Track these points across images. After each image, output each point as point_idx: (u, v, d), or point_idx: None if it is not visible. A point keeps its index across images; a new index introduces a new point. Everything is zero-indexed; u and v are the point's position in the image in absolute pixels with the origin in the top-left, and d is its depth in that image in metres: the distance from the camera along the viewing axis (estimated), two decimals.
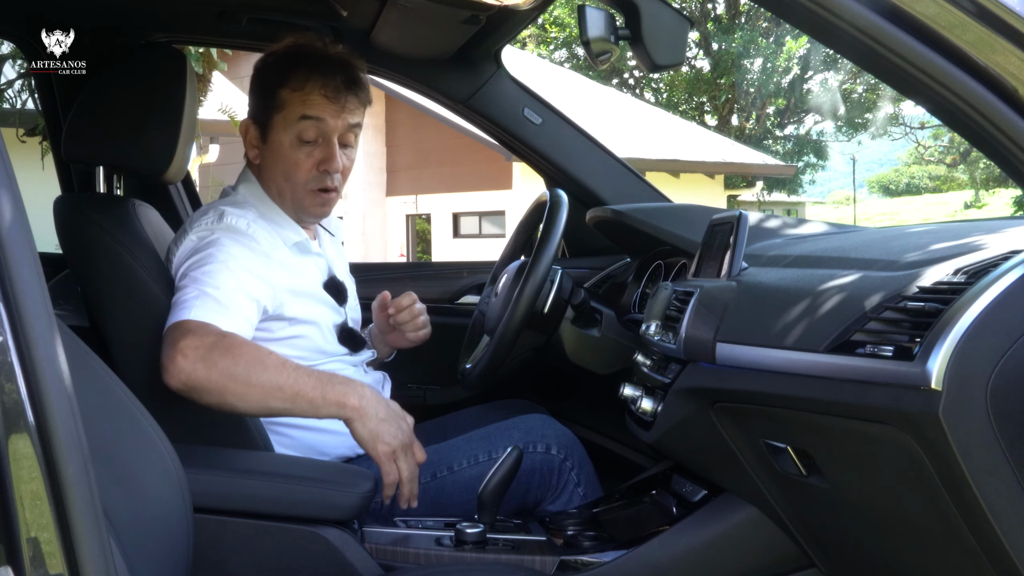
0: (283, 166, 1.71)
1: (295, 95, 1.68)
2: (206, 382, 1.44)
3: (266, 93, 1.72)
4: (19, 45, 2.53)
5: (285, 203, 1.75)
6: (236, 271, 1.58)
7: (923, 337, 1.04)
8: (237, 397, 1.46)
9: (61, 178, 2.37)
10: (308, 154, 1.70)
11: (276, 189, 1.74)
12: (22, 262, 0.73)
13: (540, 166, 2.44)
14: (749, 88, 23.60)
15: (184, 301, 1.52)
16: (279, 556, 1.49)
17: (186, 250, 1.64)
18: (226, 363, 1.44)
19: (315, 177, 1.71)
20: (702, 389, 1.43)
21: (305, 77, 1.68)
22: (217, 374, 1.44)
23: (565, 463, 1.77)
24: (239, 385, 1.45)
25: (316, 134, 1.69)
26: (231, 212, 1.68)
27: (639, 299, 2.10)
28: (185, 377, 1.43)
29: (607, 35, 1.30)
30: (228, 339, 1.48)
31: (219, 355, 1.44)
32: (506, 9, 1.95)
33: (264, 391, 1.46)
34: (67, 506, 0.72)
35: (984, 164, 25.02)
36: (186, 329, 1.47)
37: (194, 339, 1.45)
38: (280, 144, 1.70)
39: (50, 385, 0.72)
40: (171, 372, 1.44)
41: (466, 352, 2.10)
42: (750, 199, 21.72)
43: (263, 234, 1.68)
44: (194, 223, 1.68)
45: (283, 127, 1.69)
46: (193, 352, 1.43)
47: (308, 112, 1.68)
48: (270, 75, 1.72)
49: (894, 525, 1.23)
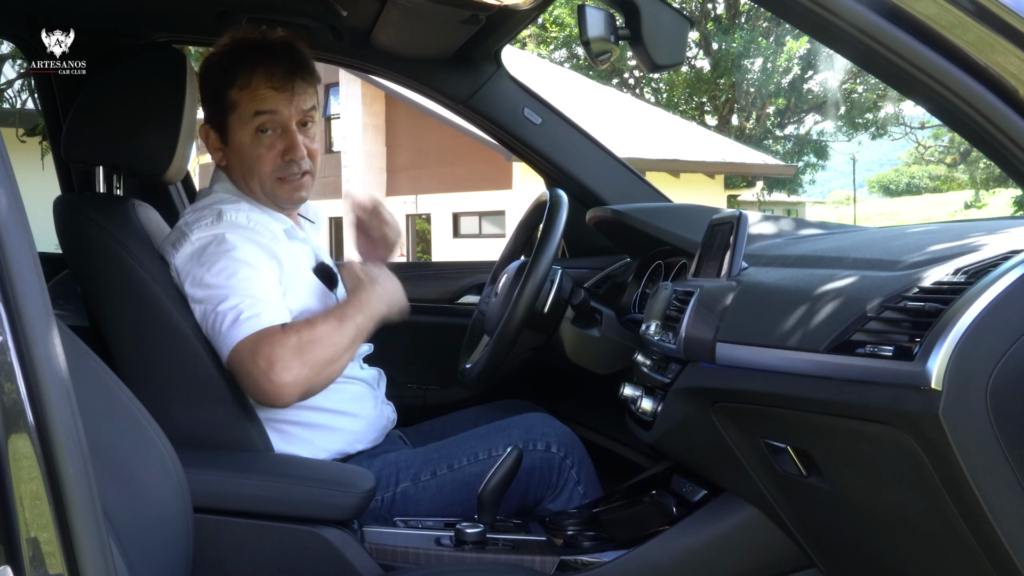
0: (247, 163, 1.73)
1: (243, 93, 1.70)
2: (315, 379, 1.55)
3: (216, 96, 1.73)
4: (19, 45, 2.53)
5: (260, 197, 1.77)
6: (263, 269, 1.62)
7: (923, 337, 1.04)
8: (336, 370, 1.60)
9: (61, 178, 2.37)
10: (269, 146, 1.72)
11: (248, 186, 1.76)
12: (22, 262, 0.73)
13: (540, 166, 2.44)
14: (749, 88, 23.59)
15: (237, 314, 1.55)
16: (279, 556, 1.49)
17: (191, 252, 1.63)
18: (317, 353, 1.54)
19: (280, 167, 1.73)
20: (702, 389, 1.43)
21: (250, 73, 1.69)
22: (318, 367, 1.54)
23: (565, 461, 1.77)
24: (333, 363, 1.58)
25: (273, 125, 1.71)
26: (227, 209, 1.69)
27: (639, 299, 2.10)
28: (299, 390, 1.54)
29: (607, 35, 1.30)
30: (301, 333, 1.55)
31: (308, 352, 1.53)
32: (506, 9, 1.95)
33: (347, 351, 1.60)
34: (67, 506, 0.72)
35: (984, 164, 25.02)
36: (262, 347, 1.52)
37: (279, 351, 1.52)
38: (241, 143, 1.72)
39: (50, 385, 0.72)
40: (281, 395, 1.52)
41: (466, 352, 2.10)
42: (750, 199, 21.72)
43: (261, 224, 1.69)
44: (191, 225, 1.67)
45: (239, 126, 1.71)
46: (289, 364, 1.51)
47: (260, 107, 1.70)
48: (216, 77, 1.73)
49: (894, 525, 1.23)
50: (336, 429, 1.73)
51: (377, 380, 1.88)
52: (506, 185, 15.11)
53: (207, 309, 1.59)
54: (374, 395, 1.84)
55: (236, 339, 1.54)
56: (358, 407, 1.78)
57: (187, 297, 1.63)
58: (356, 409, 1.77)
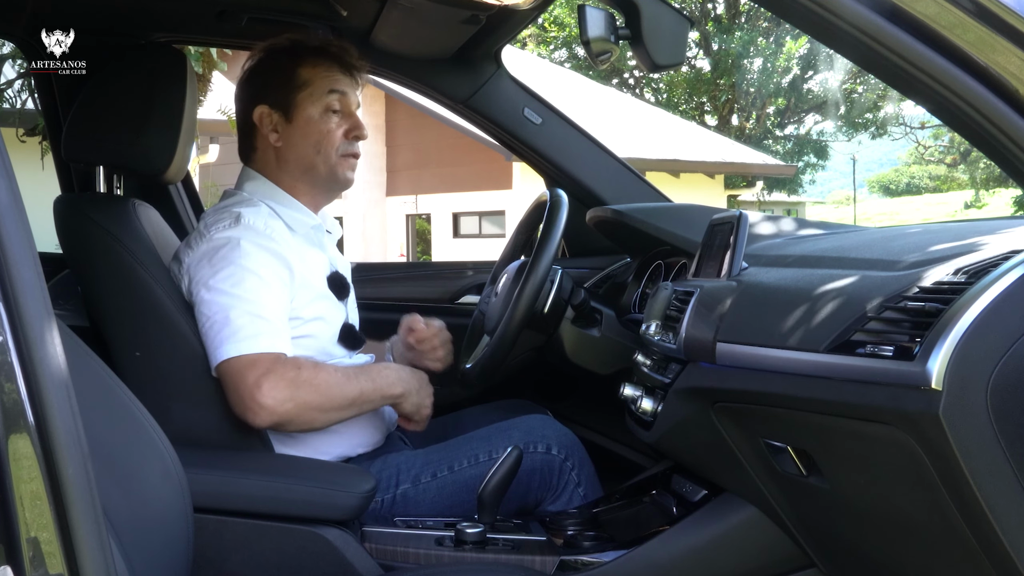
0: (315, 138, 1.76)
1: (317, 71, 1.76)
2: (295, 418, 1.58)
3: (283, 76, 1.76)
4: (19, 45, 2.53)
5: (312, 179, 1.78)
6: (270, 282, 1.62)
7: (923, 337, 1.04)
8: (319, 421, 1.62)
9: (61, 178, 2.37)
10: (338, 124, 1.77)
11: (304, 165, 1.77)
12: (22, 262, 0.73)
13: (540, 166, 2.44)
14: (749, 88, 23.59)
15: (237, 328, 1.56)
16: (279, 556, 1.49)
17: (204, 252, 1.63)
18: (309, 396, 1.57)
19: (344, 144, 1.78)
20: (702, 389, 1.43)
21: (320, 56, 1.77)
22: (303, 409, 1.57)
23: (566, 463, 1.77)
24: (321, 413, 1.60)
25: (342, 105, 1.78)
26: (246, 212, 1.68)
27: (639, 299, 2.10)
28: (276, 419, 1.56)
29: (607, 35, 1.30)
30: (303, 371, 1.58)
31: (302, 391, 1.56)
32: (506, 9, 1.95)
33: (340, 410, 1.62)
34: (67, 506, 0.72)
35: (984, 164, 25.02)
36: (259, 366, 1.55)
37: (274, 378, 1.54)
38: (310, 119, 1.75)
39: (50, 385, 0.72)
40: (258, 415, 1.55)
41: (466, 352, 2.10)
42: (750, 199, 21.72)
43: (279, 230, 1.69)
44: (209, 227, 1.67)
45: (310, 102, 1.75)
46: (277, 393, 1.54)
47: (335, 86, 1.77)
48: (281, 60, 1.78)
49: (894, 525, 1.23)
50: (337, 432, 1.73)
51: None
52: (506, 185, 15.11)
53: (207, 313, 1.59)
54: None
55: (229, 354, 1.56)
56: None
57: (190, 295, 1.63)
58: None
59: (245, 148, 1.81)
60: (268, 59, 1.79)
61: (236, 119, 1.83)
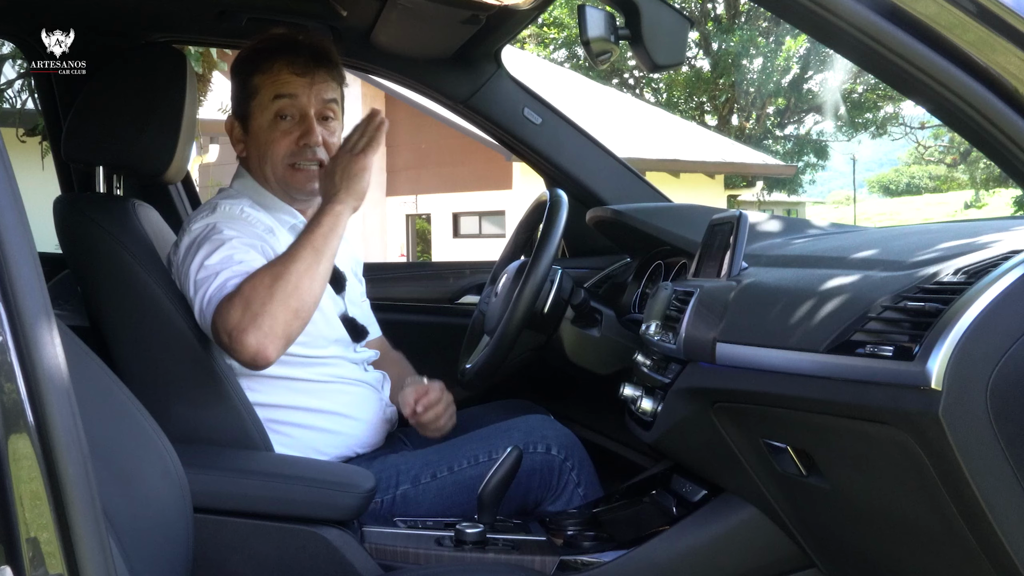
0: (262, 148, 1.74)
1: (265, 77, 1.72)
2: (280, 330, 1.50)
3: (241, 85, 1.76)
4: (19, 45, 2.53)
5: (274, 187, 1.77)
6: (240, 247, 1.61)
7: (923, 337, 1.04)
8: (304, 306, 1.53)
9: (61, 178, 2.37)
10: (285, 132, 1.73)
11: (263, 175, 1.77)
12: (22, 262, 0.73)
13: (540, 166, 2.44)
14: (749, 88, 23.59)
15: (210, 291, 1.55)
16: (279, 556, 1.49)
17: (186, 246, 1.65)
18: (268, 307, 1.49)
19: (294, 152, 1.73)
20: (702, 389, 1.43)
21: (272, 59, 1.73)
22: (275, 320, 1.49)
23: (565, 463, 1.77)
24: (290, 299, 1.50)
25: (292, 111, 1.73)
26: (224, 202, 1.71)
27: (639, 299, 2.10)
28: (269, 350, 1.49)
29: (607, 35, 1.30)
30: (241, 290, 1.51)
31: (258, 308, 1.49)
32: (506, 9, 1.95)
33: (304, 279, 1.52)
34: (67, 506, 0.72)
35: (984, 164, 25.01)
36: (218, 319, 1.51)
37: (229, 319, 1.49)
38: (260, 128, 1.74)
39: (50, 385, 0.72)
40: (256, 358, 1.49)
41: (466, 352, 2.10)
42: (750, 199, 21.72)
43: (258, 218, 1.70)
44: (191, 220, 1.70)
45: (260, 111, 1.74)
46: (248, 331, 1.48)
47: (280, 91, 1.72)
48: (242, 68, 1.77)
49: (894, 525, 1.23)
50: (338, 432, 1.73)
51: (381, 383, 1.88)
52: (506, 185, 15.10)
53: (194, 299, 1.59)
54: (378, 398, 1.83)
55: (208, 323, 1.55)
56: (361, 411, 1.77)
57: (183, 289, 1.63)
58: (359, 413, 1.77)
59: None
60: (234, 65, 1.80)
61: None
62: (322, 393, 1.74)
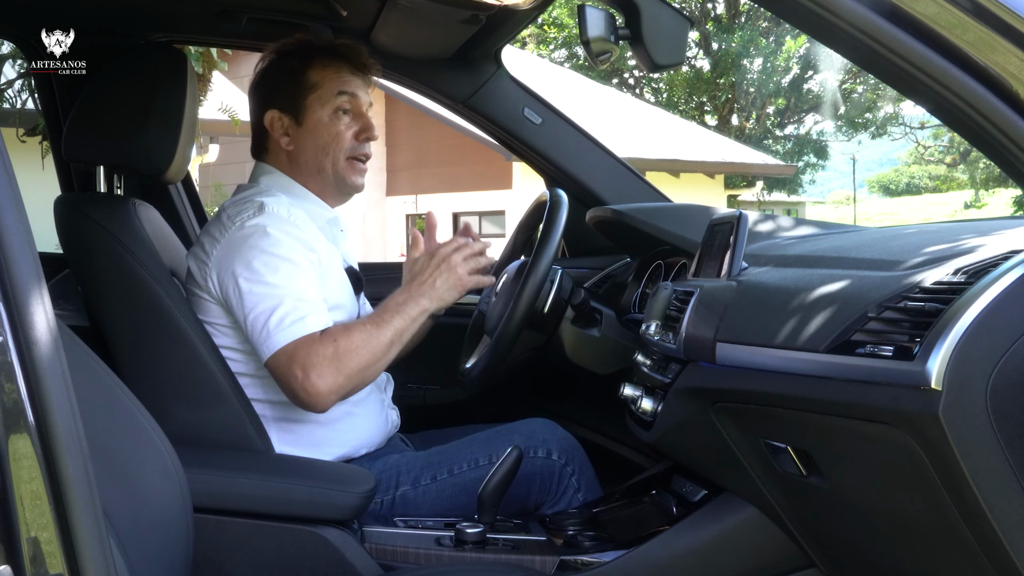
0: (324, 140, 1.76)
1: (326, 72, 1.76)
2: (351, 387, 1.59)
3: (293, 79, 1.77)
4: (19, 45, 2.53)
5: (323, 180, 1.78)
6: (303, 266, 1.64)
7: (923, 337, 1.04)
8: (373, 374, 1.63)
9: (61, 178, 2.37)
10: (348, 125, 1.77)
11: (314, 167, 1.77)
12: (22, 262, 0.73)
13: (540, 166, 2.44)
14: (749, 88, 23.58)
15: (280, 318, 1.57)
16: (279, 556, 1.49)
17: (231, 244, 1.63)
18: (353, 362, 1.57)
19: (354, 146, 1.79)
20: (702, 389, 1.43)
21: (330, 57, 1.77)
22: (353, 376, 1.58)
23: (566, 468, 1.77)
24: (370, 368, 1.61)
25: (352, 107, 1.78)
26: (268, 201, 1.69)
27: (639, 299, 2.10)
28: (334, 398, 1.57)
29: (607, 35, 1.30)
30: (339, 341, 1.57)
31: (345, 361, 1.56)
32: (506, 9, 1.95)
33: (385, 356, 1.63)
34: (67, 506, 0.72)
35: (984, 164, 25.01)
36: (298, 355, 1.55)
37: (315, 362, 1.55)
38: (319, 121, 1.76)
39: (50, 385, 0.72)
40: (318, 402, 1.56)
41: (466, 352, 2.10)
42: (750, 199, 21.71)
43: (302, 218, 1.70)
44: (232, 217, 1.67)
45: (320, 105, 1.76)
46: (326, 376, 1.55)
47: (344, 88, 1.77)
48: (291, 63, 1.78)
49: (894, 525, 1.23)
50: (340, 432, 1.73)
51: (385, 384, 1.88)
52: (506, 185, 15.10)
53: (248, 306, 1.59)
54: (380, 398, 1.83)
55: (277, 345, 1.56)
56: (363, 410, 1.77)
57: (220, 286, 1.62)
58: (361, 412, 1.77)
59: (258, 149, 1.83)
60: (278, 62, 1.80)
61: (250, 121, 1.84)
62: None
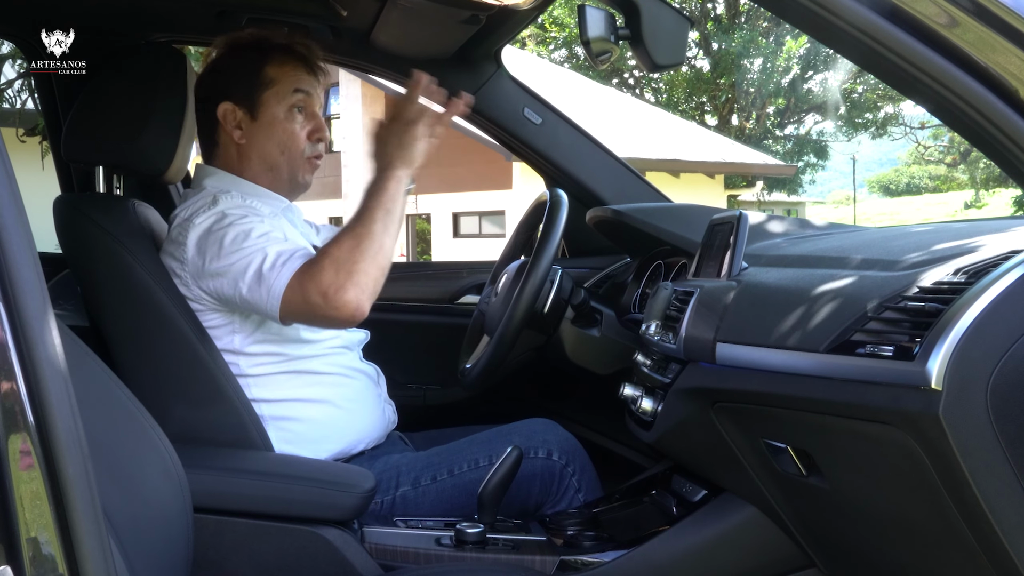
0: (280, 138, 1.76)
1: (284, 69, 1.76)
2: (372, 286, 1.53)
3: (249, 73, 1.75)
4: (19, 45, 2.53)
5: (274, 177, 1.78)
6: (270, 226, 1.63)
7: (923, 337, 1.04)
8: (384, 262, 1.56)
9: (61, 178, 2.37)
10: (302, 125, 1.77)
11: (266, 163, 1.77)
12: (22, 262, 0.73)
13: (540, 166, 2.44)
14: (749, 88, 23.60)
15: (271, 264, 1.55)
16: (279, 556, 1.49)
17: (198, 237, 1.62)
18: (359, 263, 1.52)
19: (309, 146, 1.79)
20: (702, 389, 1.43)
21: (287, 54, 1.77)
22: (366, 276, 1.52)
23: (566, 469, 1.76)
24: (376, 260, 1.54)
25: (306, 106, 1.78)
26: (220, 195, 1.69)
27: (639, 299, 2.10)
28: (365, 302, 1.52)
29: (607, 35, 1.30)
30: (334, 251, 1.53)
31: (351, 266, 1.52)
32: (506, 9, 1.95)
33: (384, 239, 1.56)
34: (67, 506, 0.72)
35: (984, 164, 25.04)
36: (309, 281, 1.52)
37: (328, 279, 1.51)
38: (275, 117, 1.75)
39: (50, 385, 0.72)
40: (353, 314, 1.51)
41: (466, 352, 2.10)
42: (750, 199, 21.74)
43: (257, 206, 1.71)
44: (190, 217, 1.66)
45: (276, 101, 1.75)
46: (345, 286, 1.50)
47: (300, 86, 1.76)
48: (248, 56, 1.77)
49: (894, 525, 1.23)
50: (338, 427, 1.73)
51: (376, 377, 1.88)
52: (506, 185, 15.12)
53: (236, 277, 1.57)
54: (376, 392, 1.83)
55: (280, 289, 1.54)
56: (360, 403, 1.77)
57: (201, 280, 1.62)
58: (358, 406, 1.77)
59: (207, 144, 1.81)
60: (233, 54, 1.79)
61: (196, 114, 1.81)
62: (322, 385, 1.73)
